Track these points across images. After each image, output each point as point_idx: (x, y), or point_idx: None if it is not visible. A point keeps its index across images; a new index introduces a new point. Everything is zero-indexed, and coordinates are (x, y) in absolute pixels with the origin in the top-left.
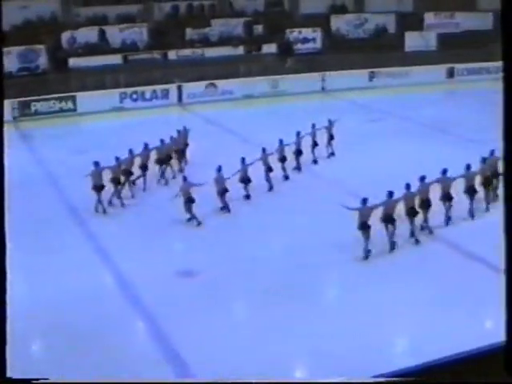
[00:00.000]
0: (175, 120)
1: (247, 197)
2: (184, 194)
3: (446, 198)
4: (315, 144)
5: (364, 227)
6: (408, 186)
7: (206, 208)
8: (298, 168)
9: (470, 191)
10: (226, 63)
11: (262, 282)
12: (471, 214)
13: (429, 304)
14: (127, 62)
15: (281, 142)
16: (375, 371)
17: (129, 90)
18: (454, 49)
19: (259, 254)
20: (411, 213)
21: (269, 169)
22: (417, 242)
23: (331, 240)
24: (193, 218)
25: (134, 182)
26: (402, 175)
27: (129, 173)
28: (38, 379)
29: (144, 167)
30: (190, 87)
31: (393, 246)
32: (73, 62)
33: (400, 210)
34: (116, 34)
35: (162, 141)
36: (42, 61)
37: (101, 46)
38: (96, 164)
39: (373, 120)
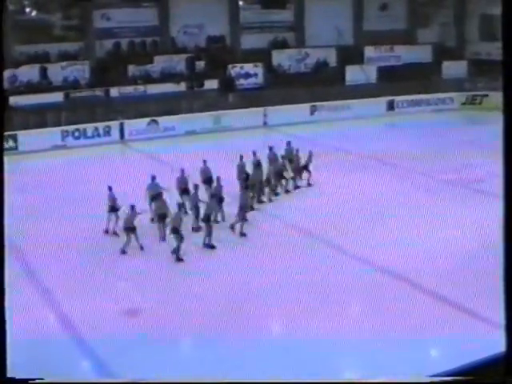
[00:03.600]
0: (118, 157)
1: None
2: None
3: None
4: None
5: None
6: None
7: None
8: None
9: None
10: (168, 100)
11: (207, 320)
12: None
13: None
14: (69, 100)
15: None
16: None
17: (70, 128)
18: (395, 81)
19: (205, 292)
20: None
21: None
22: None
23: (284, 277)
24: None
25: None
26: (345, 206)
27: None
28: (36, 379)
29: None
30: (132, 124)
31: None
32: (14, 100)
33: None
34: (57, 72)
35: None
36: None
37: (42, 84)
38: (153, 178)
39: (315, 154)
